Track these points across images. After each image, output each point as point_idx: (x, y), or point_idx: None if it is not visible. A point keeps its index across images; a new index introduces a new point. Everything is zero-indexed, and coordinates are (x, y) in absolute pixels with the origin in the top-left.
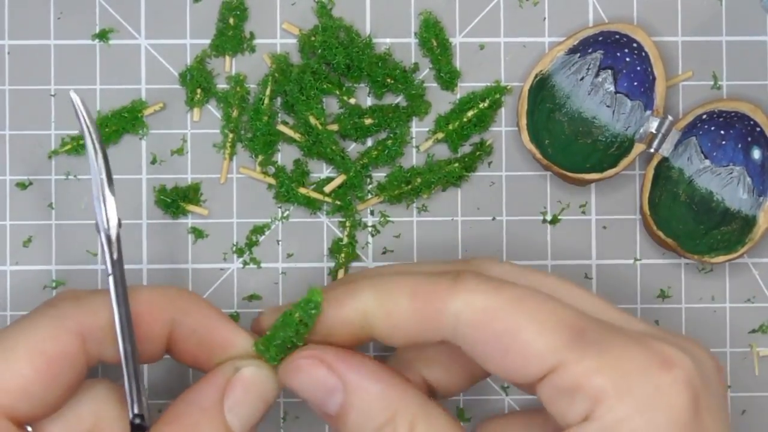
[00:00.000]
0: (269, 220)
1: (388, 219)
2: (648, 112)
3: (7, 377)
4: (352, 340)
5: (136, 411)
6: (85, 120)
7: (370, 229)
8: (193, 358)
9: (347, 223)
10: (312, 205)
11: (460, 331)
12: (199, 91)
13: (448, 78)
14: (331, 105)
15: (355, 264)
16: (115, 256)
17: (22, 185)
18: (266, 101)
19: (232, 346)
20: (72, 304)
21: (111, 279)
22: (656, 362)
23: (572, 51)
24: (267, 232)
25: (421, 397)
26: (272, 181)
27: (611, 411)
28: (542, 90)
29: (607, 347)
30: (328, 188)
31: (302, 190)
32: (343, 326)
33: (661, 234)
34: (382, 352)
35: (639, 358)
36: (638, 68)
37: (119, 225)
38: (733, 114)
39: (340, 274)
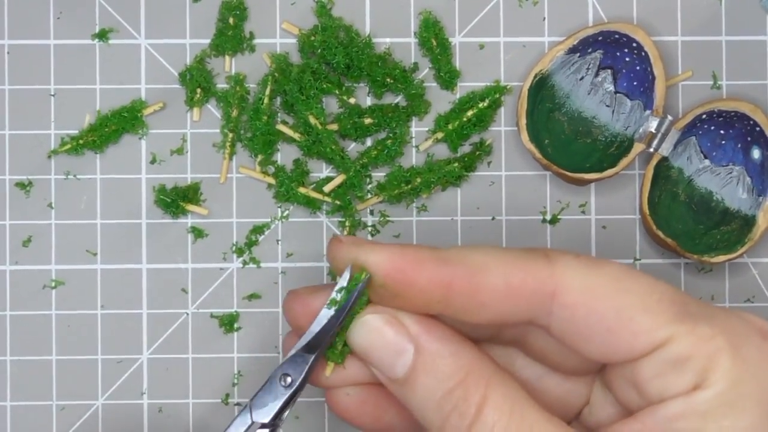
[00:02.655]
0: (269, 220)
1: (387, 219)
2: (648, 112)
3: None
4: (421, 310)
5: None
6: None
7: (369, 228)
8: None
9: (347, 223)
10: (312, 205)
11: (556, 312)
12: (198, 90)
13: (447, 78)
14: (331, 105)
15: None
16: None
17: (22, 185)
18: (266, 101)
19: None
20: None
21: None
22: (755, 331)
23: (572, 51)
24: (267, 232)
25: (494, 363)
26: (272, 180)
27: (726, 375)
28: (542, 90)
29: (712, 318)
30: (327, 188)
31: (302, 190)
32: (421, 294)
33: (660, 234)
34: None
35: (741, 327)
36: (638, 68)
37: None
38: (732, 114)
39: None
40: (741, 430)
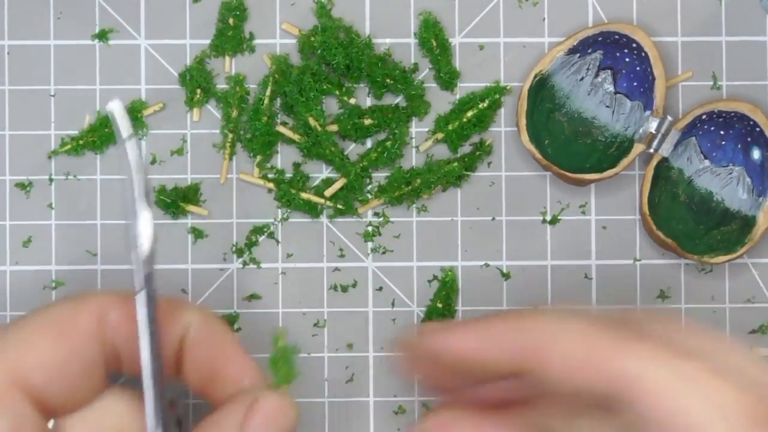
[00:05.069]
0: (269, 221)
1: (388, 219)
2: (647, 113)
3: (21, 350)
4: (504, 374)
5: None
6: (122, 131)
7: (370, 229)
8: (200, 379)
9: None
10: (313, 211)
11: (628, 395)
12: (198, 91)
13: (447, 78)
14: (331, 105)
15: (355, 264)
16: (145, 272)
17: (22, 185)
18: (266, 102)
19: (244, 375)
20: (92, 292)
21: (142, 294)
22: None
23: (572, 51)
24: (267, 232)
25: None
26: (272, 186)
27: None
28: (542, 90)
29: None
30: (328, 192)
31: (303, 195)
32: (506, 360)
33: (660, 234)
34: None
35: None
36: (638, 68)
37: (155, 241)
38: (732, 114)
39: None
40: None
